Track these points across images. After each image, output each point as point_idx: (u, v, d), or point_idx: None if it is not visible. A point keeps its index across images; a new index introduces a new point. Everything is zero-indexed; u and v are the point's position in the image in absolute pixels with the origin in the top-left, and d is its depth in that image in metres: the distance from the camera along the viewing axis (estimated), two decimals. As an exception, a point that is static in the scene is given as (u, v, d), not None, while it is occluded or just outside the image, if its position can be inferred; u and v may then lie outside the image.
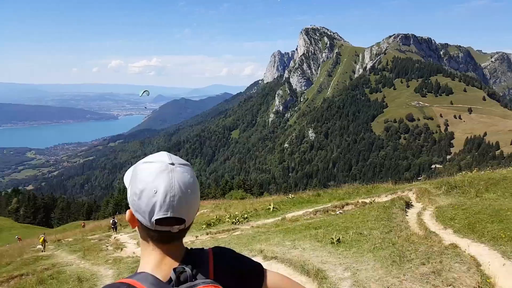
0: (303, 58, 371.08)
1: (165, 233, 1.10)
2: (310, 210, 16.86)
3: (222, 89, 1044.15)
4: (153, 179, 1.08)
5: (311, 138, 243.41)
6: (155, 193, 1.10)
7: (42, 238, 25.54)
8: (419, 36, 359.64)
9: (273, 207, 18.80)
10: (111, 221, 29.58)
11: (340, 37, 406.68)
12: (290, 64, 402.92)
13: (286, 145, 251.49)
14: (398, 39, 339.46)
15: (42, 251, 23.85)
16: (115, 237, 24.34)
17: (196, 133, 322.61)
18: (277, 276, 1.33)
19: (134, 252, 17.06)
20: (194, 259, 1.17)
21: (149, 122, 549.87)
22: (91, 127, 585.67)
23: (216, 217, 21.12)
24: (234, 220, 18.48)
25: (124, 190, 77.45)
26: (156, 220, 1.05)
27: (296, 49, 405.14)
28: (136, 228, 1.19)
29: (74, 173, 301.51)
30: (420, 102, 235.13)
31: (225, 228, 16.95)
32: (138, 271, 1.17)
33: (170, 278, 1.08)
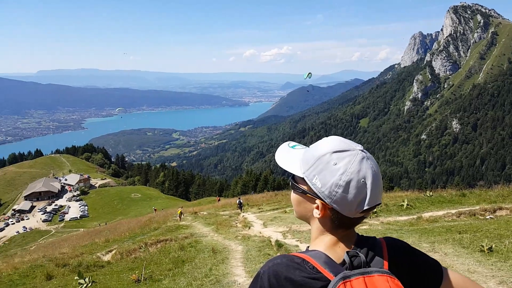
0: (449, 39, 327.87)
1: (350, 219, 1.08)
2: (453, 211, 14.83)
3: (352, 75, 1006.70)
4: (357, 168, 1.05)
5: (455, 130, 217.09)
6: (364, 183, 1.07)
7: (179, 211, 29.35)
8: None
9: (407, 204, 17.15)
10: (237, 200, 31.63)
11: (498, 14, 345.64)
12: (433, 46, 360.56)
13: (423, 136, 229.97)
14: None
15: (179, 220, 27.22)
16: (243, 216, 25.84)
17: (321, 121, 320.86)
18: (459, 278, 1.20)
19: (260, 232, 17.70)
20: (367, 246, 1.12)
21: (276, 108, 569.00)
22: (226, 112, 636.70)
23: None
24: (361, 213, 17.53)
25: (251, 173, 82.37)
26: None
27: (441, 30, 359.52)
28: (312, 217, 1.16)
29: (210, 153, 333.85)
30: None
31: (351, 221, 16.24)
32: (310, 249, 1.16)
33: (344, 260, 1.05)
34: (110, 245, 19.94)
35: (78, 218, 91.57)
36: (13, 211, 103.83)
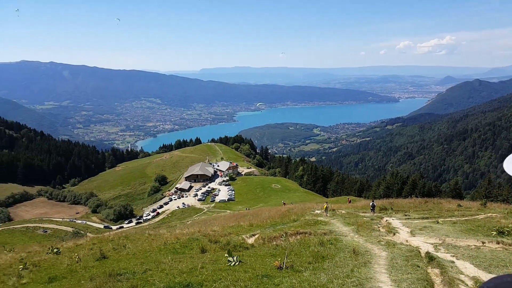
0: None
1: None
2: None
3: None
4: None
5: None
6: None
7: (325, 206, 29.32)
8: None
9: None
10: (370, 203, 30.27)
11: None
12: None
13: None
14: None
15: (325, 216, 27.15)
16: (386, 220, 24.19)
17: (488, 121, 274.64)
18: None
19: (407, 240, 16.23)
20: None
21: (432, 106, 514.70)
22: (371, 109, 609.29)
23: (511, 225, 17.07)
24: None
25: (396, 175, 76.59)
26: None
27: None
28: None
29: (351, 151, 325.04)
30: None
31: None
32: None
33: None
34: (254, 230, 21.28)
35: (226, 200, 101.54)
36: (175, 189, 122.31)
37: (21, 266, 13.92)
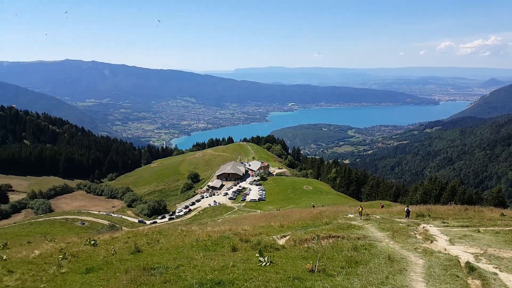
0: None
1: None
2: None
3: None
4: None
5: None
6: None
7: (360, 209, 28.78)
8: None
9: None
10: (405, 208, 29.39)
11: None
12: None
13: None
14: None
15: (359, 220, 26.59)
16: (423, 227, 23.27)
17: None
18: None
19: (445, 249, 15.53)
20: None
21: (474, 109, 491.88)
22: (409, 111, 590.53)
23: None
24: None
25: (435, 180, 73.63)
26: None
27: None
28: None
29: (387, 154, 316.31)
30: None
31: None
32: None
33: None
34: (284, 231, 21.13)
35: (256, 200, 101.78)
36: (207, 187, 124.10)
37: (61, 256, 14.57)
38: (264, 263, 10.79)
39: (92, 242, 18.35)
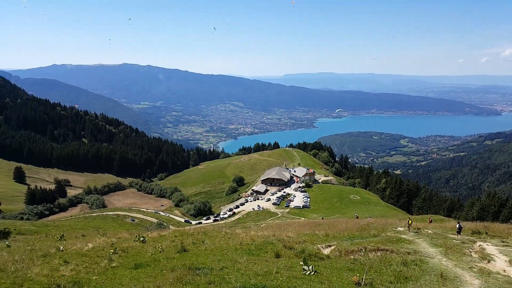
0: None
1: None
2: None
3: None
4: None
5: None
6: None
7: (411, 222, 27.59)
8: None
9: None
10: (457, 225, 27.38)
11: None
12: None
13: None
14: None
15: (408, 232, 25.41)
16: (480, 245, 21.70)
17: None
18: None
19: (504, 270, 14.37)
20: None
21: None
22: (468, 121, 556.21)
23: None
24: None
25: (494, 196, 68.47)
26: None
27: None
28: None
29: (442, 166, 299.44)
30: None
31: None
32: None
33: None
34: (330, 240, 20.67)
35: (301, 207, 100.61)
36: (252, 191, 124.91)
37: (112, 251, 15.37)
38: (308, 272, 10.61)
39: (141, 238, 19.16)
